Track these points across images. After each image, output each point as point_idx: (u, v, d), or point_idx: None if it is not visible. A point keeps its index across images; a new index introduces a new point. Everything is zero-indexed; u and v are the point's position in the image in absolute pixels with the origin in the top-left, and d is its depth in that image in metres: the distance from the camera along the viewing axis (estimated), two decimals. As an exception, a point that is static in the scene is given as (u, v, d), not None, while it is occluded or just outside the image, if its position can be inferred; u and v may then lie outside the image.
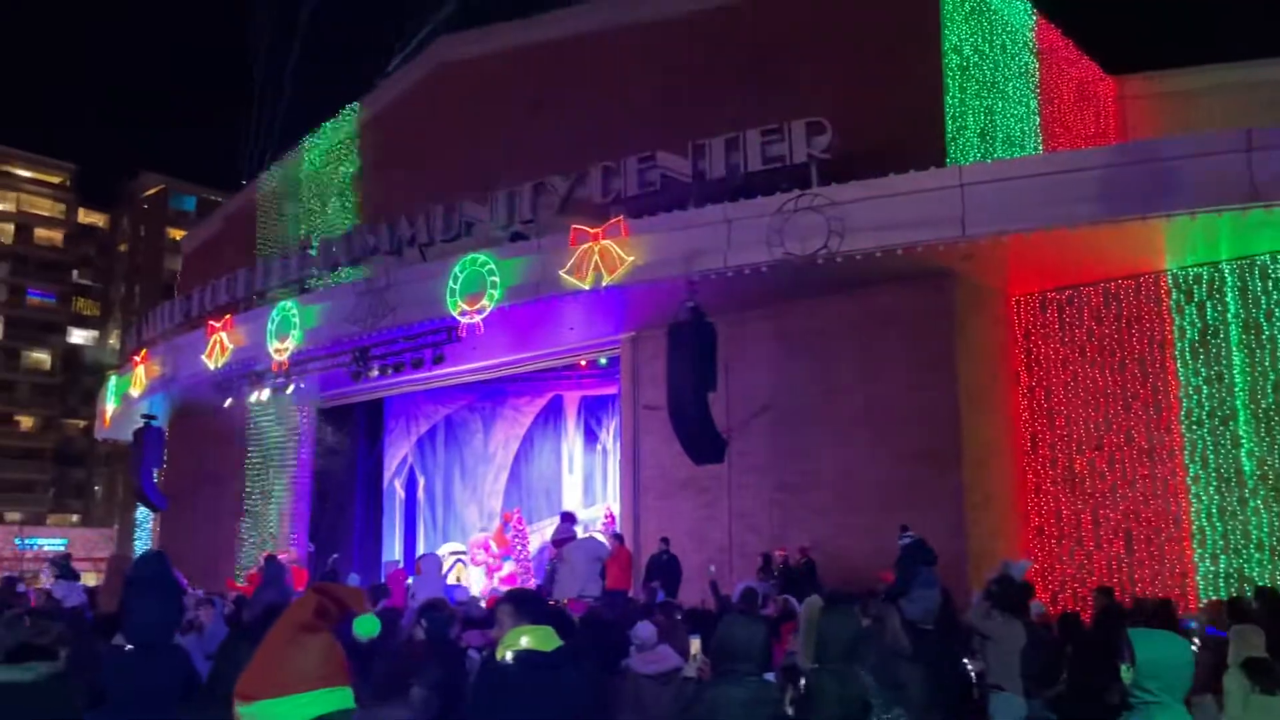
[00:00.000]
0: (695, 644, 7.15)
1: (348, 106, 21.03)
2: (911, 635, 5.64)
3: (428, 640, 6.03)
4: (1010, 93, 15.01)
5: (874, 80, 13.59)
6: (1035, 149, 15.24)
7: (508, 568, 18.30)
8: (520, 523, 19.19)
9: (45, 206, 67.71)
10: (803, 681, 4.43)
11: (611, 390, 18.46)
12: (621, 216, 13.25)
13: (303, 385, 17.61)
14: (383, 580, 16.21)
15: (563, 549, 12.40)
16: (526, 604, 4.14)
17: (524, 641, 3.66)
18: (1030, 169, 11.93)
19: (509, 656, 3.63)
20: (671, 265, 12.63)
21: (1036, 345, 13.89)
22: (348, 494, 20.44)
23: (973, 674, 7.21)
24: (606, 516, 17.78)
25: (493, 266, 13.99)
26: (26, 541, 45.86)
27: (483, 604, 10.23)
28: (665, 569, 12.51)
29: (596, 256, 12.98)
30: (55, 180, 68.26)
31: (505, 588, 14.69)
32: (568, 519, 15.28)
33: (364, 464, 20.84)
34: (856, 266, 12.06)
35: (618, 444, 17.35)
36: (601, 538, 13.76)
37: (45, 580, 14.15)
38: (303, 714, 1.75)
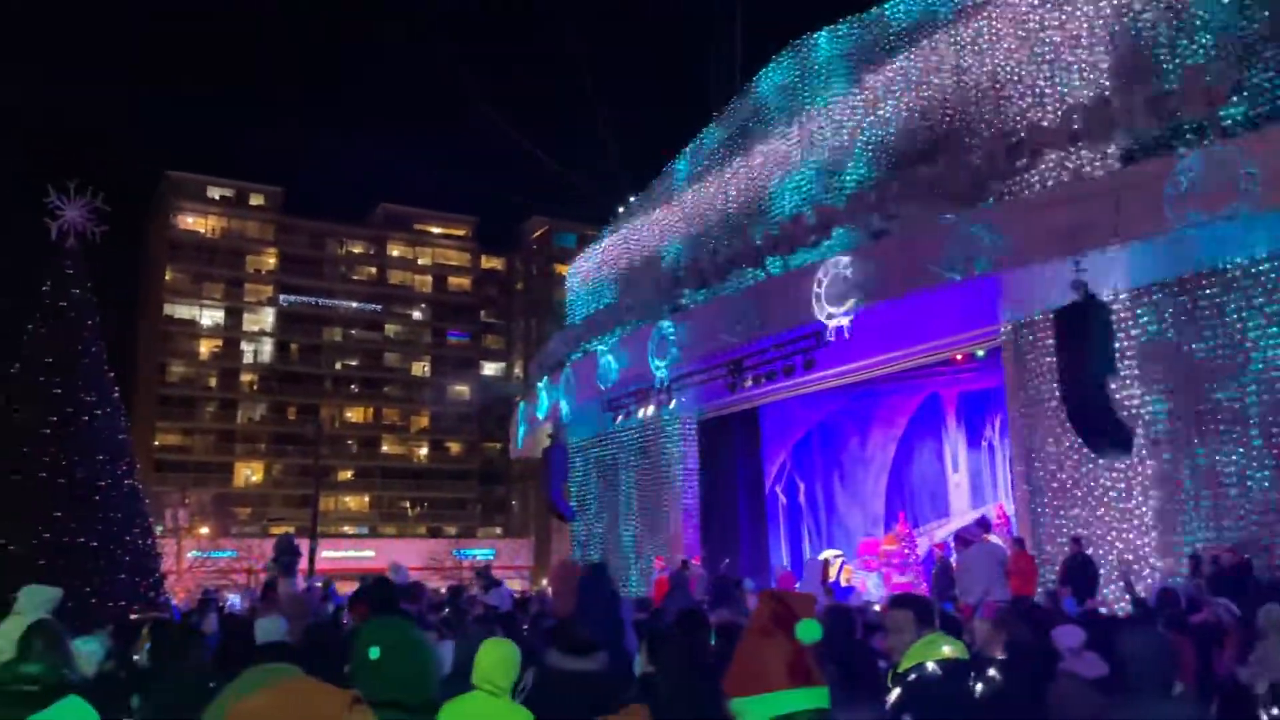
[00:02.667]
0: None
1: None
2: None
3: (827, 642, 6.07)
4: None
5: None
6: None
7: (908, 575, 17.88)
8: (906, 526, 18.71)
9: (455, 257, 77.37)
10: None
11: (993, 384, 17.50)
12: (991, 200, 12.54)
13: (683, 399, 18.53)
14: (773, 585, 16.55)
15: (961, 554, 11.89)
16: (924, 611, 4.03)
17: (946, 650, 3.57)
18: None
19: (932, 667, 3.55)
20: (1053, 244, 11.73)
21: None
22: (732, 501, 21.10)
23: None
24: (999, 517, 16.83)
25: (854, 268, 13.83)
26: (462, 552, 52.37)
27: (876, 608, 10.10)
28: (1080, 571, 11.59)
29: (963, 243, 12.38)
30: (461, 233, 77.82)
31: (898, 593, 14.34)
32: (981, 524, 14.56)
33: (744, 472, 21.42)
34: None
35: (1004, 440, 16.38)
36: (996, 539, 13.02)
37: (474, 589, 15.93)
38: (772, 711, 1.88)
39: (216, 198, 70.75)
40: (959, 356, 16.95)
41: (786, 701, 1.89)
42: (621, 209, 25.23)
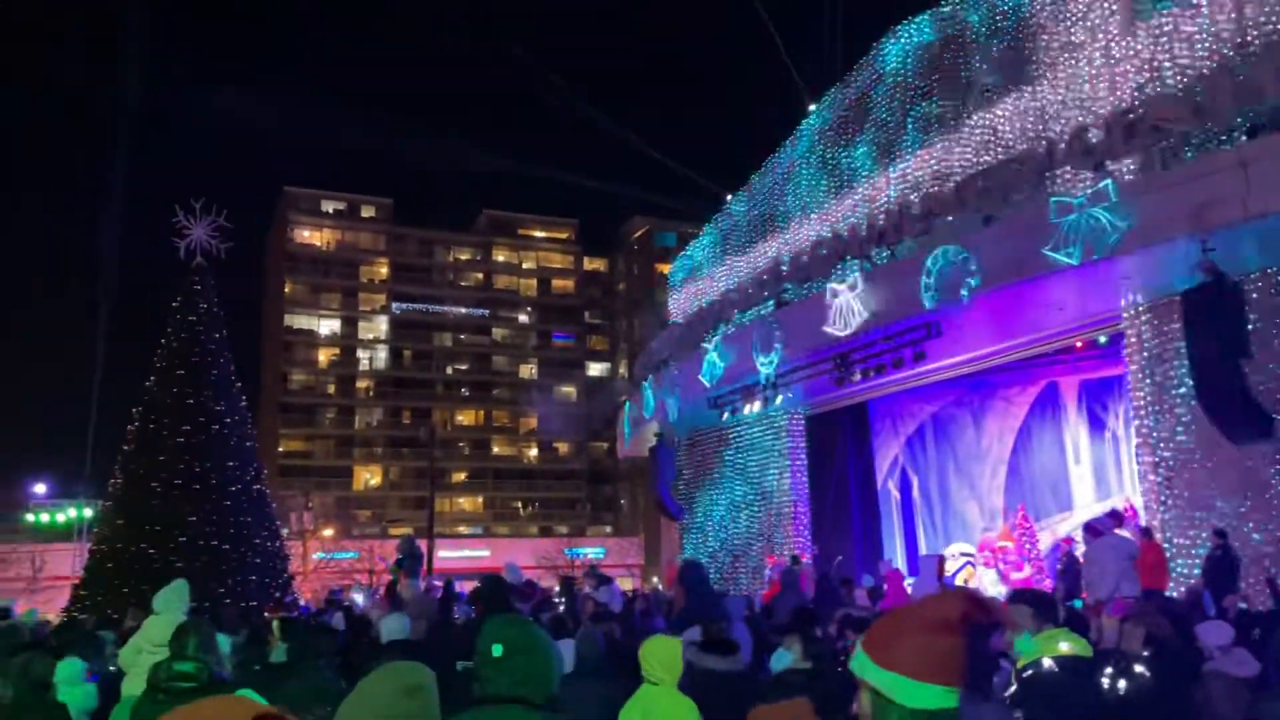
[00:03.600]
0: None
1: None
2: None
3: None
4: None
5: None
6: None
7: (1027, 569, 17.32)
8: (1026, 520, 18.12)
9: (558, 260, 78.39)
10: None
11: (1116, 371, 16.81)
12: (1108, 182, 12.04)
13: (790, 395, 18.35)
14: (882, 582, 16.24)
15: (1089, 547, 11.43)
16: (1045, 606, 3.91)
17: (1064, 647, 3.44)
18: None
19: (1049, 663, 3.43)
20: (1178, 223, 11.19)
21: None
22: (843, 497, 20.80)
23: None
24: (1126, 510, 16.15)
25: (966, 255, 13.47)
26: (573, 551, 53.00)
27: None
28: (1221, 567, 11.02)
29: (1082, 225, 11.91)
30: (563, 236, 78.81)
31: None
32: (1113, 516, 13.94)
33: (855, 467, 21.09)
34: None
35: (1129, 430, 15.72)
36: (1125, 533, 12.48)
37: (586, 588, 16.11)
38: (921, 701, 1.86)
39: (330, 211, 73.31)
40: (1079, 343, 16.33)
41: (942, 698, 1.88)
42: (722, 206, 25.15)
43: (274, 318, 70.93)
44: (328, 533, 49.81)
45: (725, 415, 20.22)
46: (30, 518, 33.91)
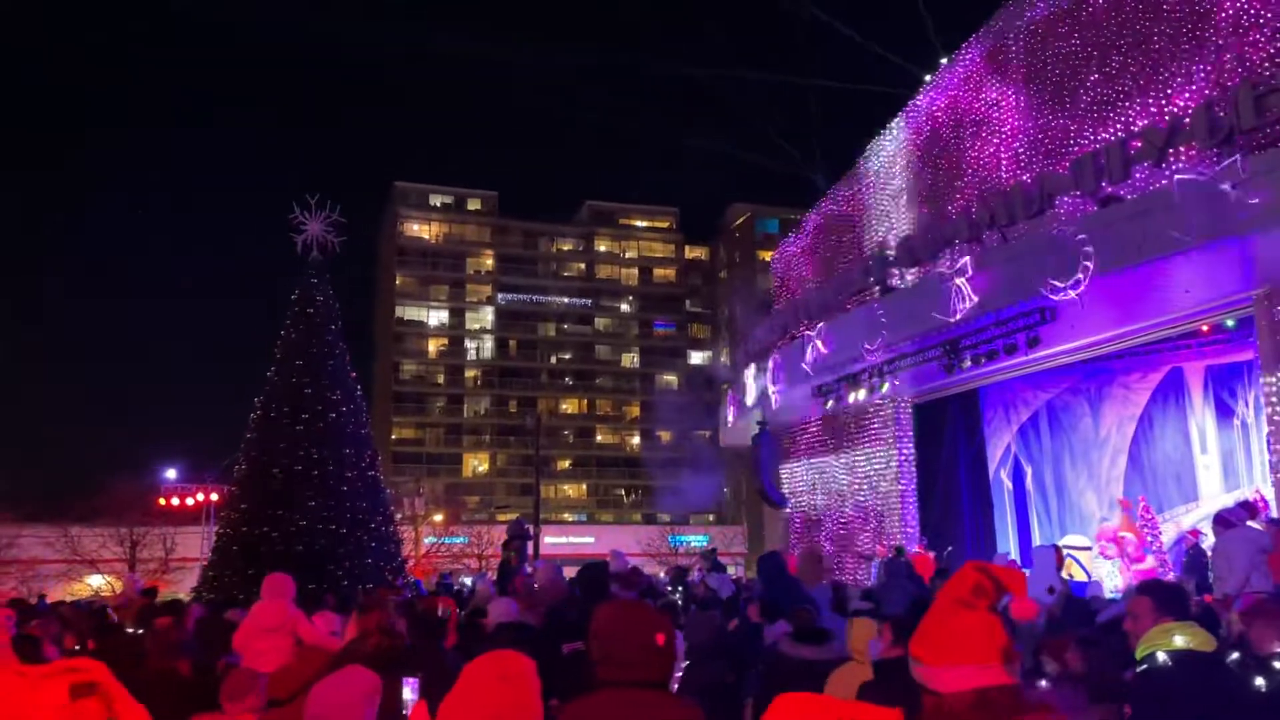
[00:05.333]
0: None
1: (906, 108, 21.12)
2: None
3: (1062, 632, 5.75)
4: None
5: None
6: None
7: (1149, 561, 16.64)
8: (1148, 511, 17.40)
9: (659, 249, 78.61)
10: None
11: (1245, 356, 15.97)
12: (1238, 157, 11.42)
13: (896, 383, 18.01)
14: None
15: (1218, 539, 10.92)
16: (1168, 599, 3.76)
17: (1178, 641, 3.31)
18: None
19: (1163, 657, 3.30)
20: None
21: None
22: (952, 487, 20.33)
23: None
24: (1257, 501, 15.34)
25: (1083, 236, 12.97)
26: (677, 538, 53.19)
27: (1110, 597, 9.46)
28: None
29: (1208, 203, 11.34)
30: (664, 225, 78.97)
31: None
32: (1245, 508, 13.28)
33: (965, 455, 20.58)
34: None
35: (1260, 417, 14.93)
36: (1258, 525, 11.86)
37: (696, 573, 16.22)
38: (958, 684, 1.82)
39: (438, 205, 75.05)
40: (1205, 327, 15.56)
41: (979, 676, 1.83)
42: (822, 193, 24.80)
43: (385, 309, 73.08)
44: (438, 518, 51.16)
45: (829, 403, 19.99)
46: (162, 501, 35.81)
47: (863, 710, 1.78)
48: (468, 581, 25.41)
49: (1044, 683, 4.67)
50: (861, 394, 18.64)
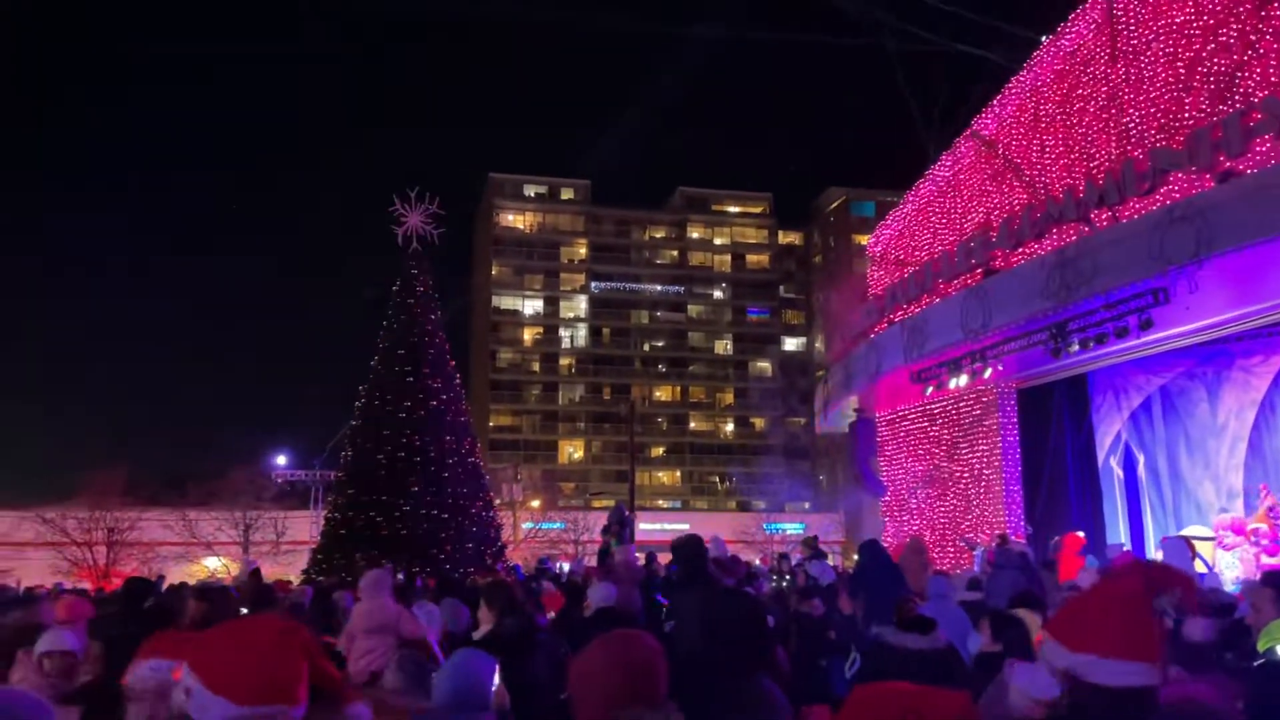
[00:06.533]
0: None
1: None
2: None
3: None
4: None
5: None
6: None
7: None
8: (1272, 500, 16.56)
9: (752, 235, 78.02)
10: None
11: (1380, 337, 15.07)
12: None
13: (1000, 367, 17.52)
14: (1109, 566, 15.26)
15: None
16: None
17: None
18: None
19: None
20: None
21: None
22: (1059, 475, 19.70)
23: None
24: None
25: (1199, 214, 12.36)
26: (771, 526, 52.90)
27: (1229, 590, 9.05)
28: None
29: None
30: (757, 210, 78.29)
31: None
32: None
33: (1072, 443, 19.90)
34: None
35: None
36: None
37: (797, 556, 16.11)
38: (1120, 679, 1.83)
39: (532, 195, 75.91)
40: (1333, 308, 14.71)
41: (1141, 674, 1.83)
42: (921, 174, 24.22)
43: (482, 299, 74.37)
44: (535, 504, 51.93)
45: (929, 389, 19.55)
46: (275, 485, 37.21)
47: (933, 694, 1.78)
48: (565, 567, 25.73)
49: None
50: (963, 379, 18.19)
